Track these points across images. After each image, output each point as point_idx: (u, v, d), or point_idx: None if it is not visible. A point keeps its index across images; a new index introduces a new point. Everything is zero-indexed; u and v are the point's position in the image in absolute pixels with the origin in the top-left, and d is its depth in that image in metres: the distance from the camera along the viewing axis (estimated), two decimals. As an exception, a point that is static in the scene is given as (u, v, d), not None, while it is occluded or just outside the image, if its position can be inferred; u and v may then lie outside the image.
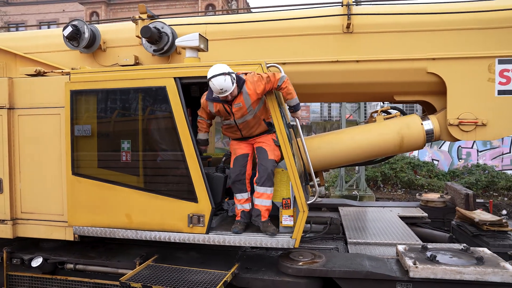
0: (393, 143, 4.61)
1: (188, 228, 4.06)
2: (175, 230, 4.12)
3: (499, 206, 13.59)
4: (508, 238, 4.77)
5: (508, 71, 4.48)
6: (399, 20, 4.66)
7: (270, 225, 3.93)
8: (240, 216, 4.13)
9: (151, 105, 4.29)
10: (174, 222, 4.11)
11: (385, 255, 4.22)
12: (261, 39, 4.90)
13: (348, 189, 13.29)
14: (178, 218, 4.09)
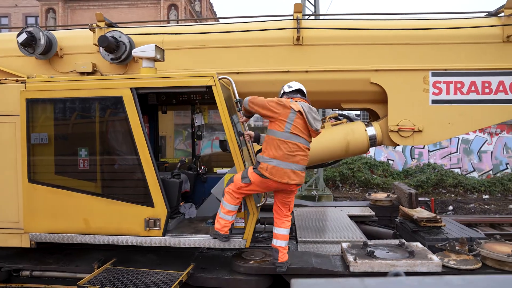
0: (340, 148, 4.97)
1: (145, 232, 4.23)
2: (133, 234, 4.27)
3: (447, 202, 14.50)
4: (442, 232, 5.25)
5: (440, 82, 4.95)
6: (345, 34, 5.01)
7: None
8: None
9: (108, 114, 4.42)
10: (131, 226, 4.27)
11: (331, 252, 4.56)
12: (217, 49, 5.12)
13: (307, 189, 13.74)
14: (135, 222, 4.24)
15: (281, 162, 3.74)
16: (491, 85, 4.95)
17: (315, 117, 3.91)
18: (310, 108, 3.91)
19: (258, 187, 3.90)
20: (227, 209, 3.98)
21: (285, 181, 3.76)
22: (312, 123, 3.83)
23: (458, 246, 4.31)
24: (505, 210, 13.84)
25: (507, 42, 4.85)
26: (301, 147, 3.82)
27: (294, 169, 3.79)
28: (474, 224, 10.40)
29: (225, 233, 4.05)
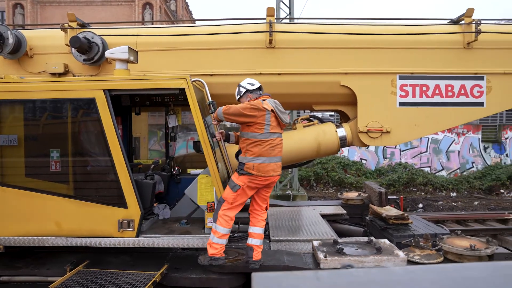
0: (311, 149, 5.11)
1: (118, 233, 4.24)
2: (106, 235, 4.27)
3: (417, 200, 14.97)
4: (409, 229, 5.47)
5: (407, 85, 5.16)
6: (317, 37, 5.16)
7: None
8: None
9: (80, 115, 4.40)
10: (104, 228, 4.27)
11: (303, 250, 4.68)
12: (190, 51, 5.16)
13: (282, 189, 13.91)
14: (108, 224, 4.25)
15: (266, 158, 3.96)
16: (453, 88, 5.20)
17: (282, 110, 4.14)
18: (276, 103, 4.13)
19: (249, 189, 4.01)
20: (221, 233, 4.01)
21: (271, 174, 3.99)
22: (282, 119, 4.08)
23: (422, 242, 4.51)
24: (470, 207, 14.41)
25: (468, 48, 5.11)
26: (278, 141, 4.10)
27: (276, 161, 4.05)
28: (442, 221, 10.78)
29: (222, 255, 4.06)
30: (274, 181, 4.13)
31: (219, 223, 4.00)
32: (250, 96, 4.21)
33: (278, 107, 4.11)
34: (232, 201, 3.99)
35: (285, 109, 4.26)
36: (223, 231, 4.00)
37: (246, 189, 3.99)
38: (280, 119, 4.06)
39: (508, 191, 16.22)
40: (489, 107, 5.27)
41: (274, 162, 4.02)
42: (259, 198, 4.20)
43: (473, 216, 11.46)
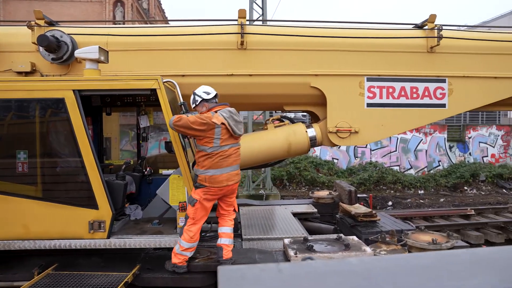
0: (282, 148, 5.20)
1: (89, 234, 4.20)
2: (76, 237, 4.22)
3: (387, 198, 15.42)
4: (377, 226, 5.66)
5: (374, 87, 5.34)
6: (288, 39, 5.25)
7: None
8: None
9: (49, 115, 4.33)
10: (74, 230, 4.22)
11: (274, 248, 4.78)
12: (163, 51, 5.15)
13: (255, 189, 14.02)
14: (78, 225, 4.20)
15: (217, 170, 4.01)
16: (418, 90, 5.42)
17: (237, 119, 4.13)
18: (230, 113, 4.10)
19: (206, 201, 4.08)
20: (184, 247, 4.09)
21: (224, 184, 4.05)
22: (235, 131, 4.07)
23: (388, 237, 4.70)
24: (437, 203, 14.97)
25: (431, 52, 5.34)
26: (232, 151, 4.10)
27: (229, 171, 4.08)
28: (410, 218, 11.18)
29: (183, 265, 4.14)
30: (231, 189, 4.18)
31: (183, 237, 4.08)
32: (206, 105, 4.16)
33: (234, 116, 4.10)
34: (193, 216, 4.06)
35: (257, 109, 4.35)
36: (186, 245, 4.08)
37: (203, 202, 4.06)
38: (233, 131, 4.05)
39: (471, 188, 16.94)
40: (451, 108, 5.53)
41: (227, 172, 4.04)
42: (224, 203, 4.30)
43: (439, 212, 11.93)
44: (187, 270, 4.13)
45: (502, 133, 18.96)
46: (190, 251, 4.13)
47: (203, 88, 4.27)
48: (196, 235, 4.10)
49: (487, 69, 5.51)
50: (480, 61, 5.50)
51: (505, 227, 10.60)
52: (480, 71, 5.49)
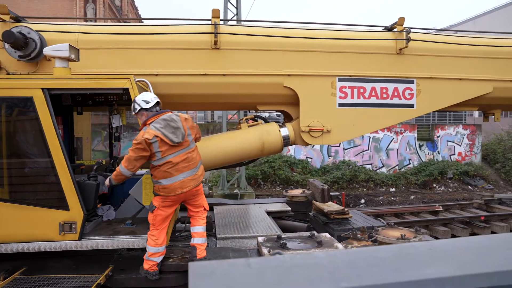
0: (255, 148, 5.24)
1: (59, 236, 4.12)
2: (46, 239, 4.13)
3: (359, 196, 15.75)
4: (349, 223, 5.80)
5: (346, 87, 5.46)
6: (261, 40, 5.30)
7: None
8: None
9: (17, 115, 4.21)
10: (44, 232, 4.13)
11: (248, 246, 4.83)
12: (135, 50, 5.10)
13: (230, 188, 14.02)
14: (48, 227, 4.11)
15: (167, 180, 3.98)
16: (388, 91, 5.58)
17: (174, 126, 3.99)
18: (166, 121, 3.97)
19: (165, 207, 4.07)
20: (151, 252, 4.09)
21: (179, 191, 4.01)
22: (172, 139, 3.94)
23: (360, 234, 4.83)
24: (407, 201, 15.41)
25: (400, 54, 5.51)
26: (179, 159, 4.01)
27: (182, 179, 4.02)
28: (382, 215, 11.46)
29: (155, 270, 4.13)
30: (190, 194, 4.14)
31: (148, 243, 4.10)
32: (145, 114, 4.06)
33: (170, 123, 3.97)
34: (153, 222, 4.06)
35: (231, 109, 4.38)
36: (152, 250, 4.08)
37: (162, 208, 4.06)
38: (170, 140, 3.92)
39: (439, 185, 17.51)
40: (419, 108, 5.72)
41: (180, 180, 4.00)
42: (191, 206, 4.32)
43: (409, 209, 12.28)
44: (158, 277, 4.13)
45: (468, 132, 19.67)
46: (158, 256, 4.11)
47: (143, 96, 4.10)
48: (160, 240, 4.07)
49: (452, 71, 5.73)
50: (446, 63, 5.72)
51: (470, 222, 11.04)
52: (446, 73, 5.70)
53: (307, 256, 1.23)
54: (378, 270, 1.12)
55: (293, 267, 1.15)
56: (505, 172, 18.55)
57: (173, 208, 4.15)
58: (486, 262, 1.16)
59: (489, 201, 12.72)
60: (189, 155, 4.09)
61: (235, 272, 1.11)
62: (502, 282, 1.11)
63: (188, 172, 4.06)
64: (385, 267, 1.14)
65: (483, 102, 6.11)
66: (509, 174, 18.36)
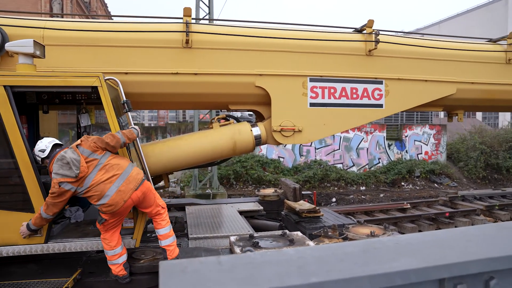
0: (227, 147, 5.23)
1: (24, 240, 3.97)
2: (10, 243, 3.97)
3: (331, 195, 16.00)
4: (320, 221, 5.89)
5: (317, 87, 5.53)
6: (233, 39, 5.29)
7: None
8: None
9: None
10: (7, 235, 3.97)
11: (221, 246, 4.82)
12: (105, 48, 4.97)
13: (202, 188, 13.93)
14: (12, 231, 3.96)
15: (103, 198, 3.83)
16: (357, 91, 5.69)
17: (65, 162, 3.73)
18: (58, 163, 3.75)
19: (115, 219, 3.97)
20: (109, 255, 4.04)
21: (122, 202, 3.85)
22: (70, 175, 3.72)
23: (331, 232, 4.91)
24: (377, 199, 15.78)
25: (369, 55, 5.64)
26: (99, 177, 3.84)
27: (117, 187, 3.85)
28: (353, 213, 11.70)
29: (124, 274, 4.06)
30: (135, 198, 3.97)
31: (104, 247, 4.04)
32: (47, 162, 3.89)
33: (62, 161, 3.73)
34: (103, 232, 4.02)
35: (202, 108, 4.35)
36: (110, 253, 4.02)
37: (114, 221, 3.99)
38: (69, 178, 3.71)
39: (407, 184, 18.03)
40: (387, 108, 5.87)
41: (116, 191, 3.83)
42: (146, 209, 4.19)
43: (378, 207, 12.59)
44: (129, 280, 4.07)
45: (434, 132, 20.36)
46: (117, 257, 4.04)
47: (37, 146, 3.95)
48: (113, 242, 4.00)
49: (419, 72, 5.92)
50: (413, 65, 5.90)
51: (436, 218, 11.43)
52: (413, 74, 5.89)
53: (277, 253, 1.25)
54: (347, 264, 1.15)
55: (264, 263, 1.16)
56: (468, 170, 19.30)
57: (119, 216, 4.03)
58: (447, 254, 1.21)
59: (453, 198, 13.23)
60: (106, 167, 3.89)
61: (206, 270, 1.11)
62: (462, 272, 1.16)
63: (119, 180, 3.88)
64: (353, 261, 1.17)
65: (447, 103, 6.34)
66: (471, 172, 19.13)
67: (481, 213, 12.08)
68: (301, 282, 1.01)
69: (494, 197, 13.75)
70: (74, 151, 3.81)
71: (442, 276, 1.17)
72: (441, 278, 1.18)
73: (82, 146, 3.88)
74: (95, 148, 3.89)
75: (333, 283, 1.03)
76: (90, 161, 3.85)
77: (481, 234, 1.40)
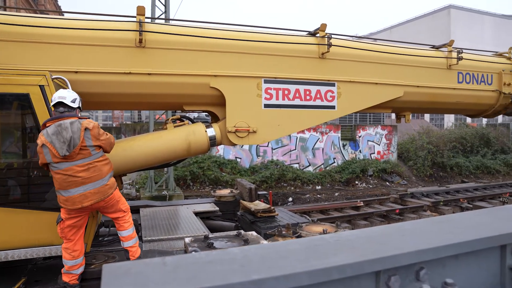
0: (181, 148, 5.19)
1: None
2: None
3: (287, 194, 16.24)
4: (275, 221, 5.98)
5: (271, 89, 5.62)
6: (188, 39, 5.25)
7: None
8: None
9: None
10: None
11: (175, 248, 4.77)
12: (53, 45, 4.75)
13: (157, 190, 13.67)
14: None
15: (65, 191, 3.71)
16: (311, 93, 5.84)
17: (65, 135, 3.65)
18: (57, 131, 3.66)
19: (72, 219, 3.83)
20: (68, 265, 3.88)
21: (79, 206, 3.72)
22: (58, 150, 3.62)
23: (285, 231, 5.00)
24: (332, 197, 16.21)
25: (322, 58, 5.80)
26: (77, 169, 3.71)
27: (83, 192, 3.73)
28: (309, 212, 11.97)
29: (75, 284, 3.92)
30: (96, 207, 3.89)
31: (63, 256, 3.90)
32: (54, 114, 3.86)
33: (60, 133, 3.63)
34: (62, 234, 3.85)
35: (156, 109, 4.29)
36: (70, 263, 3.89)
37: (70, 220, 3.82)
38: (55, 151, 3.62)
39: (361, 182, 18.67)
40: (340, 109, 6.07)
41: (80, 193, 3.71)
42: (107, 214, 4.14)
43: (333, 205, 12.96)
44: (79, 287, 3.95)
45: (386, 132, 21.23)
46: (77, 268, 3.92)
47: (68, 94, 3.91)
48: (76, 252, 3.87)
49: (370, 75, 6.17)
50: (364, 68, 6.14)
51: (387, 215, 11.94)
52: (364, 77, 6.12)
53: (222, 252, 1.28)
54: (288, 261, 1.20)
55: (208, 263, 1.19)
56: (417, 169, 20.30)
57: (82, 219, 3.90)
58: (382, 248, 1.30)
59: (403, 195, 13.89)
60: (91, 166, 3.77)
61: (150, 271, 1.12)
62: (395, 264, 1.24)
63: (90, 185, 3.74)
64: (295, 258, 1.22)
65: (396, 105, 6.66)
66: (420, 171, 20.14)
67: (428, 209, 12.77)
68: (243, 279, 1.04)
69: (440, 193, 14.59)
70: (80, 130, 3.66)
71: (378, 268, 1.25)
72: (377, 271, 1.26)
73: (90, 133, 3.76)
74: (98, 143, 3.82)
75: (273, 280, 1.07)
76: (83, 150, 3.70)
77: (414, 229, 1.50)
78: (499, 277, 1.48)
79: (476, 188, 16.01)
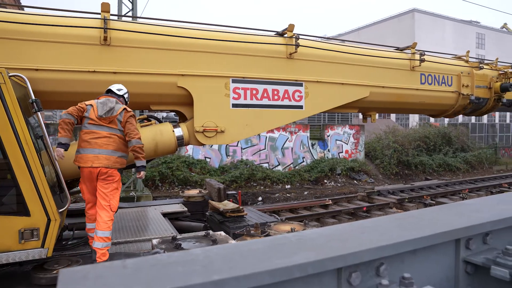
0: (148, 148, 5.10)
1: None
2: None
3: (257, 194, 16.28)
4: (244, 220, 5.98)
5: (239, 88, 5.62)
6: (155, 38, 5.18)
7: None
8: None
9: None
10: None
11: (143, 249, 4.69)
12: (10, 41, 4.55)
13: (125, 191, 13.37)
14: None
15: (84, 149, 4.39)
16: (279, 92, 5.89)
17: (105, 104, 4.50)
18: (104, 101, 4.52)
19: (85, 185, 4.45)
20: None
21: (89, 165, 4.31)
22: (99, 109, 4.46)
23: (253, 230, 5.01)
24: (301, 196, 16.39)
25: (290, 58, 5.86)
26: (102, 134, 4.44)
27: (98, 153, 4.37)
28: (278, 211, 12.05)
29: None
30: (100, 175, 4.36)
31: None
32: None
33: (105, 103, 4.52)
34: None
35: None
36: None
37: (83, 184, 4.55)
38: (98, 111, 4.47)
39: (329, 181, 18.98)
40: (307, 109, 6.15)
41: (95, 154, 4.38)
42: (98, 188, 4.41)
43: (302, 204, 13.10)
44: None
45: (354, 132, 21.69)
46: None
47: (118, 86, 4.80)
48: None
49: (336, 76, 6.28)
50: (331, 69, 6.25)
51: (355, 213, 12.20)
52: (330, 78, 6.23)
53: (184, 253, 1.26)
54: (250, 261, 1.20)
55: (169, 264, 1.17)
56: (383, 167, 20.87)
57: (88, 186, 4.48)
58: (343, 245, 1.32)
59: (370, 193, 14.23)
60: (113, 136, 4.50)
61: (110, 275, 1.09)
62: (356, 261, 1.27)
63: (105, 151, 4.41)
64: (257, 258, 1.23)
65: (362, 105, 6.81)
66: (386, 169, 20.71)
67: (394, 206, 13.14)
68: (203, 280, 1.04)
69: (405, 191, 15.05)
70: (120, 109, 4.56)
71: (339, 266, 1.27)
72: (338, 268, 1.28)
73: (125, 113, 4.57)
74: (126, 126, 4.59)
75: (234, 280, 1.07)
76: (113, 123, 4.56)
77: (374, 226, 1.54)
78: (453, 269, 1.55)
79: (439, 185, 16.62)
